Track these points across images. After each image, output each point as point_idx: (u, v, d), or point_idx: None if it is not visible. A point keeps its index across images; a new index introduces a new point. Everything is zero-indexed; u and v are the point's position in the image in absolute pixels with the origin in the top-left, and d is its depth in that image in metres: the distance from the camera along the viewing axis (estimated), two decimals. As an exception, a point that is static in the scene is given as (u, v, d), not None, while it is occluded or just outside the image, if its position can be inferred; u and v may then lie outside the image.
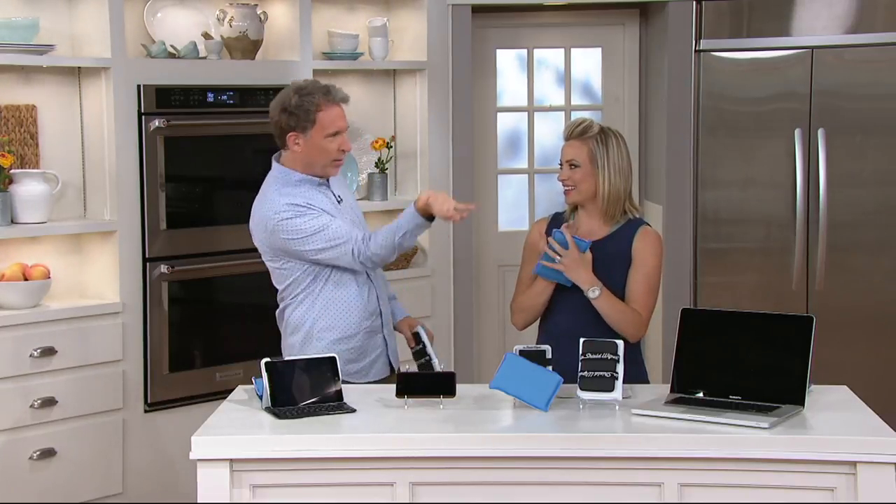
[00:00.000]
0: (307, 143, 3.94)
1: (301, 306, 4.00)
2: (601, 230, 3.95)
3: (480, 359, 6.10)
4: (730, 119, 5.87)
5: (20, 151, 4.82)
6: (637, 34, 6.22)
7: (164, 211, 4.99)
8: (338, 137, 3.95)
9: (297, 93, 3.93)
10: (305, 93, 3.93)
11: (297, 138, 3.94)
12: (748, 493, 3.27)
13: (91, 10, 4.89)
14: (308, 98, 3.91)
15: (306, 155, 3.95)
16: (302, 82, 4.02)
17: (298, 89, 3.95)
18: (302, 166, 3.97)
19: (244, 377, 5.04)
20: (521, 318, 4.03)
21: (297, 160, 3.98)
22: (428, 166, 5.80)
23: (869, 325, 5.75)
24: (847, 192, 5.73)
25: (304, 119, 3.91)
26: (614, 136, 3.92)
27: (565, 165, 3.93)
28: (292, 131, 3.93)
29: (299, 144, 3.94)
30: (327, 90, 3.95)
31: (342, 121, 3.96)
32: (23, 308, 4.67)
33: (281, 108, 3.94)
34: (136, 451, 4.96)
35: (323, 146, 3.94)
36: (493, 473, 3.31)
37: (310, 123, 3.91)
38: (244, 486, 3.29)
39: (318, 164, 3.97)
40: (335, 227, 3.88)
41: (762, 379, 3.51)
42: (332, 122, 3.93)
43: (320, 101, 3.91)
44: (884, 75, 5.69)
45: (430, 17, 5.76)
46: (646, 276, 3.89)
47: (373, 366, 4.06)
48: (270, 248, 3.97)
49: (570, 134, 3.93)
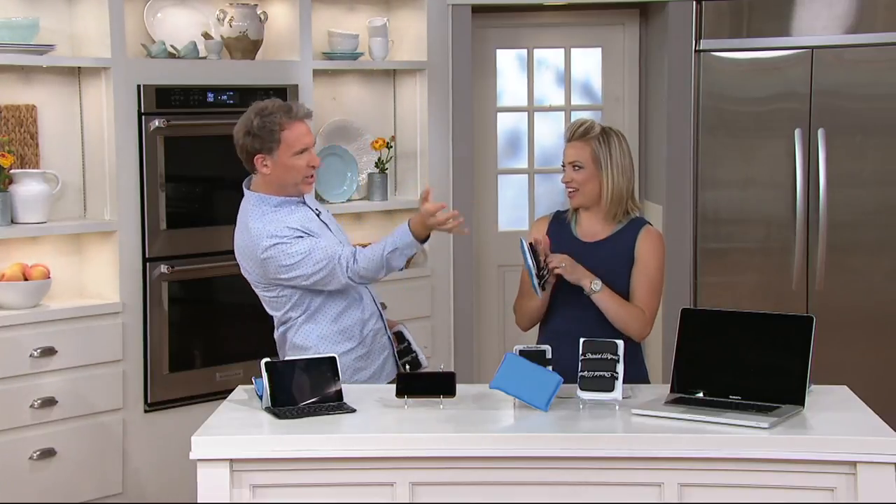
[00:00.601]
0: (275, 164, 3.87)
1: (303, 329, 3.96)
2: (603, 231, 3.94)
3: (480, 359, 6.10)
4: (730, 119, 5.87)
5: (20, 151, 4.82)
6: (637, 34, 6.22)
7: (163, 211, 4.99)
8: (305, 154, 3.89)
9: (258, 114, 3.87)
10: (266, 113, 3.86)
11: (264, 160, 3.87)
12: (748, 493, 3.27)
13: (91, 10, 4.90)
14: (269, 118, 3.85)
15: (276, 176, 3.89)
16: (262, 103, 3.93)
17: (260, 111, 3.88)
18: (275, 189, 3.91)
19: (244, 377, 5.04)
20: (524, 321, 4.02)
21: (270, 183, 3.91)
22: (428, 166, 5.80)
23: (869, 325, 5.75)
24: (847, 192, 5.73)
25: (269, 140, 3.85)
26: (616, 136, 3.91)
27: (568, 167, 3.91)
28: (258, 153, 3.87)
29: (268, 166, 3.88)
30: (288, 108, 3.88)
31: (308, 137, 3.90)
32: (23, 308, 4.68)
33: (245, 132, 3.88)
34: (136, 451, 4.96)
35: (291, 164, 3.87)
36: (493, 473, 3.31)
37: (275, 143, 3.85)
38: (244, 486, 3.29)
39: (289, 183, 3.91)
40: (321, 248, 3.83)
41: (762, 379, 3.51)
42: (297, 140, 3.87)
43: (282, 119, 3.85)
44: (884, 75, 5.69)
45: (430, 17, 5.76)
46: (648, 275, 3.89)
47: (384, 368, 4.04)
48: (264, 279, 3.93)
49: (573, 135, 3.92)
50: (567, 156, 3.92)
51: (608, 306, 3.83)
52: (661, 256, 3.92)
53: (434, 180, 5.79)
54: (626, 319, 3.83)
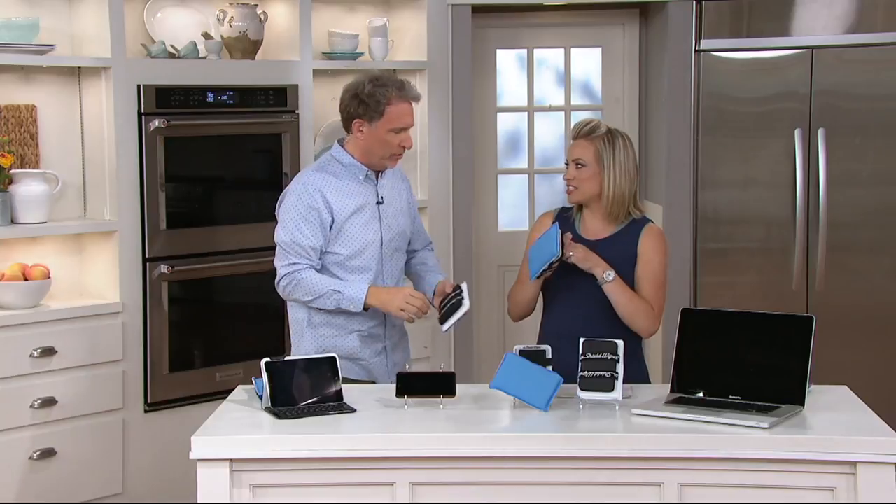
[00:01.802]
0: (370, 133, 3.97)
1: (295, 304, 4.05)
2: (605, 230, 3.95)
3: (480, 359, 6.10)
4: (730, 119, 5.87)
5: (20, 151, 4.82)
6: (637, 34, 6.22)
7: (164, 211, 4.99)
8: (401, 134, 3.98)
9: (371, 82, 3.97)
10: (380, 84, 3.96)
11: (361, 125, 3.97)
12: (748, 493, 3.27)
13: (91, 10, 4.90)
14: (381, 89, 3.94)
15: (367, 143, 3.99)
16: (378, 73, 4.05)
17: (374, 79, 3.98)
18: (360, 153, 4.02)
19: (244, 377, 5.03)
20: (515, 311, 4.07)
21: (358, 146, 4.02)
22: (428, 166, 5.80)
23: (869, 325, 5.75)
24: (847, 192, 5.73)
25: (374, 109, 3.94)
26: (622, 138, 3.93)
27: (571, 164, 3.94)
28: (359, 118, 3.97)
29: (363, 132, 3.98)
30: (402, 85, 3.98)
31: (409, 118, 3.99)
32: (23, 308, 4.68)
33: (352, 94, 3.98)
34: (136, 451, 4.96)
35: (385, 139, 3.96)
36: (493, 473, 3.31)
37: (378, 115, 3.94)
38: (244, 486, 3.29)
39: (376, 154, 4.00)
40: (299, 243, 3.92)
41: (762, 379, 3.51)
42: (399, 118, 3.95)
43: (392, 94, 3.94)
44: (884, 75, 5.69)
45: (430, 17, 5.76)
46: (654, 271, 3.90)
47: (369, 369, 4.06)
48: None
49: (578, 133, 3.95)
50: (571, 153, 3.95)
51: (619, 298, 3.83)
52: (665, 253, 3.94)
53: (434, 180, 5.79)
54: (634, 313, 3.84)
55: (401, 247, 4.13)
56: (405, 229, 4.14)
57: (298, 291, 3.93)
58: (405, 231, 4.14)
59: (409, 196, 4.21)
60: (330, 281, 3.92)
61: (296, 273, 3.92)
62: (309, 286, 3.91)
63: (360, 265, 3.99)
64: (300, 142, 5.32)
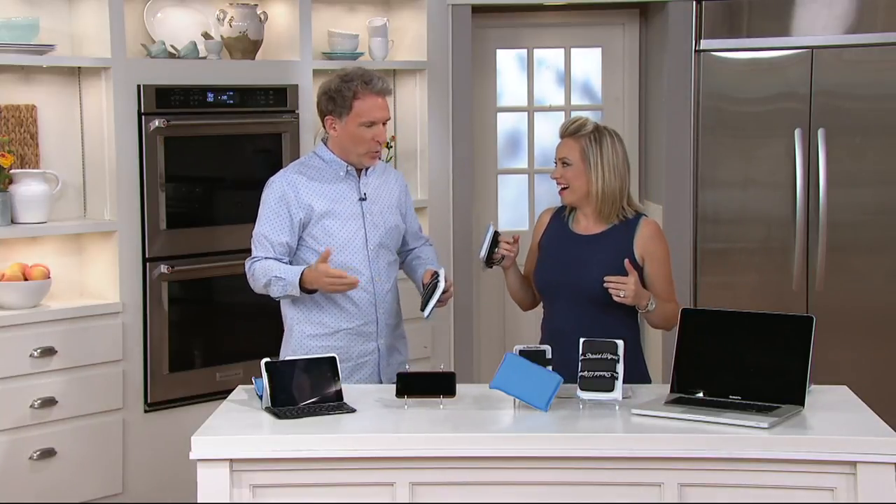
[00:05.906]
0: (342, 129, 3.98)
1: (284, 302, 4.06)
2: (597, 228, 3.94)
3: (480, 359, 6.10)
4: (730, 119, 5.87)
5: (20, 151, 4.82)
6: (637, 34, 6.22)
7: (164, 211, 4.99)
8: (373, 128, 3.96)
9: (339, 77, 3.99)
10: (347, 79, 3.97)
11: (333, 122, 3.99)
12: (748, 493, 3.27)
13: (91, 10, 4.90)
14: (347, 84, 3.95)
15: (341, 140, 4.00)
16: (349, 69, 4.05)
17: (342, 75, 3.99)
18: (339, 151, 4.03)
19: (244, 377, 5.04)
20: (517, 296, 4.12)
21: (335, 144, 4.03)
22: (428, 166, 5.80)
23: (869, 325, 5.75)
24: (847, 192, 5.73)
25: (341, 105, 3.95)
26: (609, 135, 3.91)
27: (558, 163, 3.94)
28: (330, 115, 3.99)
29: (336, 129, 3.99)
30: (369, 79, 3.97)
31: (379, 112, 3.97)
32: (23, 308, 4.68)
33: (323, 92, 4.01)
34: (136, 451, 4.96)
35: (356, 133, 3.96)
36: (493, 473, 3.31)
37: (346, 109, 3.95)
38: (244, 486, 3.29)
39: (352, 151, 4.00)
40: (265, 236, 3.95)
41: (762, 379, 3.51)
42: (367, 112, 3.95)
43: (358, 88, 3.94)
44: (884, 75, 5.69)
45: (430, 17, 5.76)
46: (664, 267, 3.92)
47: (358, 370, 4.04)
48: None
49: (564, 132, 3.95)
50: (558, 152, 3.96)
51: (656, 319, 3.90)
52: (666, 243, 3.96)
53: (434, 180, 5.79)
54: (669, 318, 3.88)
55: (389, 245, 4.11)
56: (395, 227, 4.11)
57: (254, 280, 3.97)
58: (395, 228, 4.11)
59: (401, 195, 4.18)
60: (275, 268, 3.92)
61: (253, 263, 3.96)
62: (259, 274, 3.94)
63: (345, 263, 3.96)
64: (300, 142, 5.32)
